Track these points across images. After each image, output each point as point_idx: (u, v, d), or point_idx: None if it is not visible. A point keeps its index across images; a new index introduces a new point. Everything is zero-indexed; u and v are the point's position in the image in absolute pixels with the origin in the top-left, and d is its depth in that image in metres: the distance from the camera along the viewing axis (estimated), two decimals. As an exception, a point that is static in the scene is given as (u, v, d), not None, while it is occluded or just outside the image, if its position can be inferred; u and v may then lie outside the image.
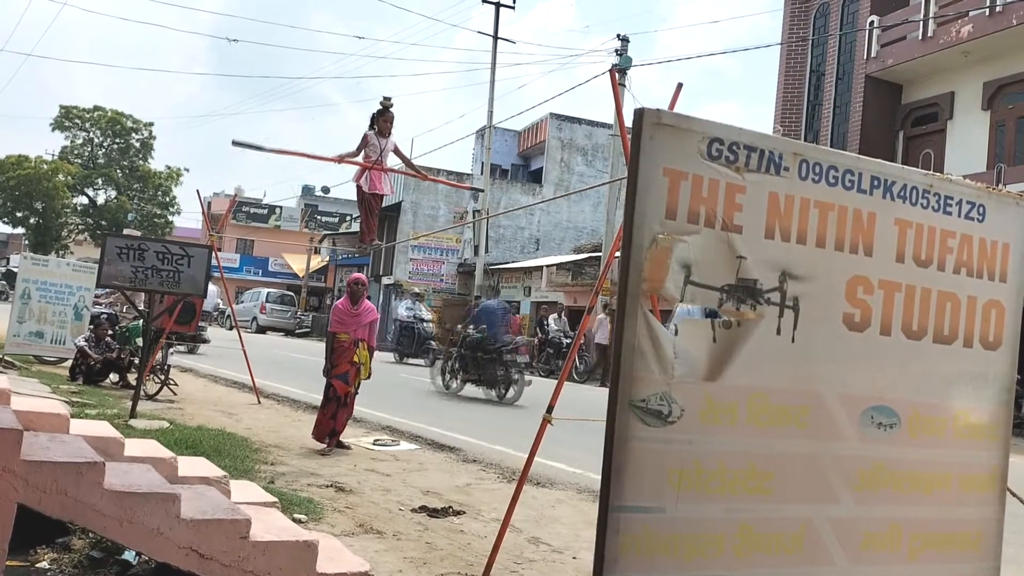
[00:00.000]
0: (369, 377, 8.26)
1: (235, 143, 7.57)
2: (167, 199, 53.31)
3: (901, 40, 17.88)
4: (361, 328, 8.18)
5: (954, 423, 2.68)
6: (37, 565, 3.99)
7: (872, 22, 18.26)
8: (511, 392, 13.13)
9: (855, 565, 2.48)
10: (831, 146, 17.11)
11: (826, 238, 2.42)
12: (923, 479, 2.61)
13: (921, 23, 17.14)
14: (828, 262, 2.42)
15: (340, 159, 8.18)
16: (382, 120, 8.17)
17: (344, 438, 8.09)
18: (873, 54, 18.29)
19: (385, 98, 8.23)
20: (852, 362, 2.46)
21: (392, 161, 8.59)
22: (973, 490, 2.70)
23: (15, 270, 21.99)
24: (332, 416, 7.95)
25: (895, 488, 2.55)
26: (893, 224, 2.54)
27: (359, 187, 8.32)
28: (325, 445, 7.90)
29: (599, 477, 2.20)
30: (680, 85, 4.61)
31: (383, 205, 9.02)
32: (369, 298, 8.65)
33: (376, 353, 8.50)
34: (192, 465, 4.95)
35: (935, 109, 17.96)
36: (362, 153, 8.17)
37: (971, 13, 16.15)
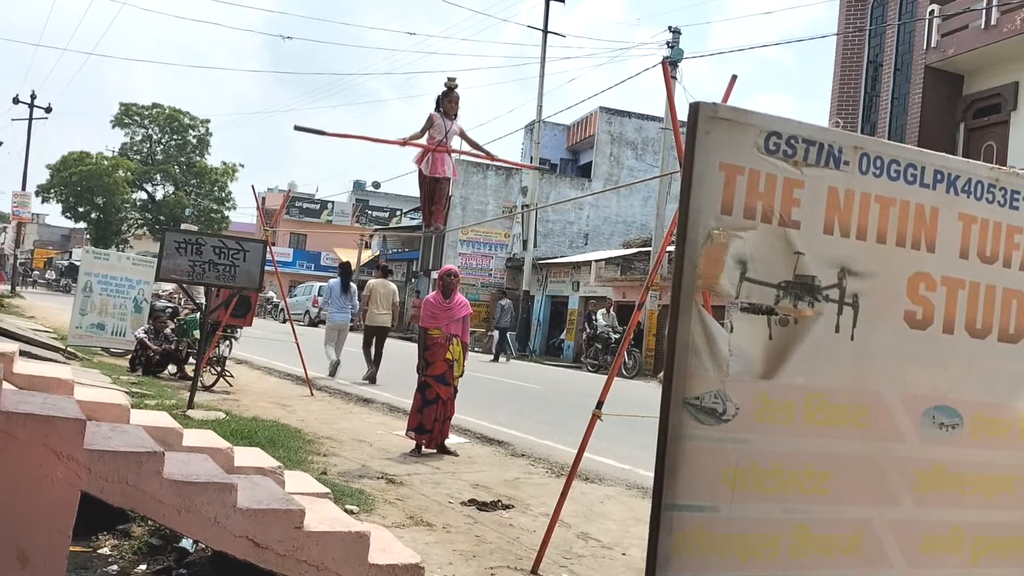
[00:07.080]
0: (462, 375, 7.94)
1: (297, 128, 7.64)
2: (223, 194, 54.37)
3: (963, 29, 17.32)
4: (454, 323, 7.89)
5: (1019, 424, 2.59)
6: (99, 551, 4.12)
7: (932, 11, 17.73)
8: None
9: (914, 568, 2.41)
10: (889, 138, 16.71)
11: (887, 234, 2.35)
12: (986, 482, 2.54)
13: (984, 11, 16.57)
14: (889, 258, 2.36)
15: (404, 142, 7.85)
16: (447, 101, 7.82)
17: (392, 431, 8.16)
18: (933, 44, 17.76)
19: (449, 79, 7.93)
20: (913, 361, 2.40)
21: (456, 145, 8.21)
22: (1038, 494, 2.61)
23: (77, 264, 22.60)
24: (436, 419, 7.67)
25: (957, 490, 2.48)
26: (957, 219, 2.46)
27: (420, 170, 7.95)
28: (416, 442, 7.68)
29: (649, 473, 2.19)
30: (735, 77, 4.53)
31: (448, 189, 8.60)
32: (419, 293, 8.59)
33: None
34: (248, 455, 5.04)
35: (998, 100, 17.38)
36: (426, 135, 7.81)
37: (1037, 0, 15.63)
